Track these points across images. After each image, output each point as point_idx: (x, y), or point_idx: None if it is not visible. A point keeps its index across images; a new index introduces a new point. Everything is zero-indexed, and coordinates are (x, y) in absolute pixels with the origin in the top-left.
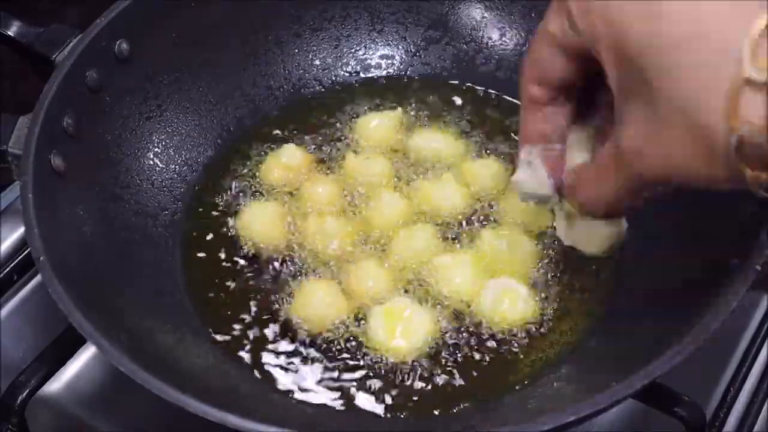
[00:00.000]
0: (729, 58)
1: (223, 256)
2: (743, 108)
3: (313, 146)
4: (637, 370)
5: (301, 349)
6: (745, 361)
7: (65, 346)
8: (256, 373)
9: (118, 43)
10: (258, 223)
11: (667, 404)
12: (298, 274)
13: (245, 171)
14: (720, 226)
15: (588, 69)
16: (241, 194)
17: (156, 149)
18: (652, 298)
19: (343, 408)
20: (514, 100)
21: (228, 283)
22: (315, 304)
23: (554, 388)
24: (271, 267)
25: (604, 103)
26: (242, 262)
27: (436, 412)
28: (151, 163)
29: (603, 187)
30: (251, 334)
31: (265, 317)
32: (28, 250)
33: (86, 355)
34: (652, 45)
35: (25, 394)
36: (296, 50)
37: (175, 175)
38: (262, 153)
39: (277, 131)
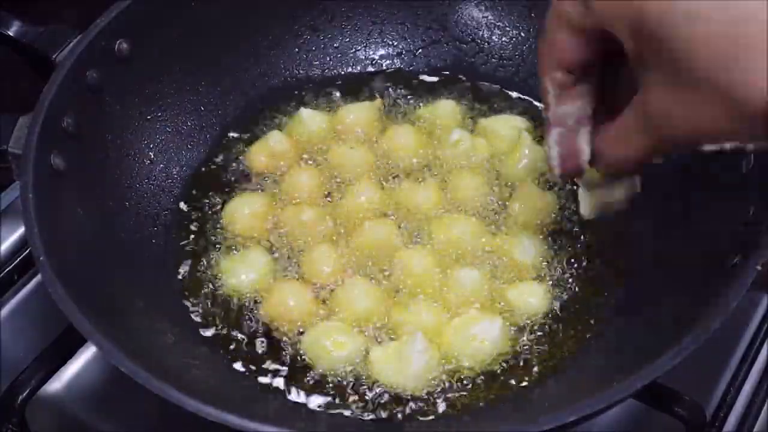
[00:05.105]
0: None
1: (222, 255)
2: None
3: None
4: (637, 370)
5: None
6: (745, 361)
7: (65, 346)
8: (255, 373)
9: (118, 43)
10: (242, 219)
11: (667, 404)
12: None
13: (245, 170)
14: (720, 226)
15: (606, 46)
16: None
17: (156, 149)
18: (651, 299)
19: (340, 406)
20: (515, 99)
21: (224, 282)
22: (286, 305)
23: (554, 388)
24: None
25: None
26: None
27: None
28: (152, 162)
29: (631, 148)
30: (248, 333)
31: (257, 316)
32: (28, 250)
33: (86, 355)
34: (670, 18)
35: (25, 394)
36: (296, 50)
37: (175, 175)
38: None
39: (277, 131)
